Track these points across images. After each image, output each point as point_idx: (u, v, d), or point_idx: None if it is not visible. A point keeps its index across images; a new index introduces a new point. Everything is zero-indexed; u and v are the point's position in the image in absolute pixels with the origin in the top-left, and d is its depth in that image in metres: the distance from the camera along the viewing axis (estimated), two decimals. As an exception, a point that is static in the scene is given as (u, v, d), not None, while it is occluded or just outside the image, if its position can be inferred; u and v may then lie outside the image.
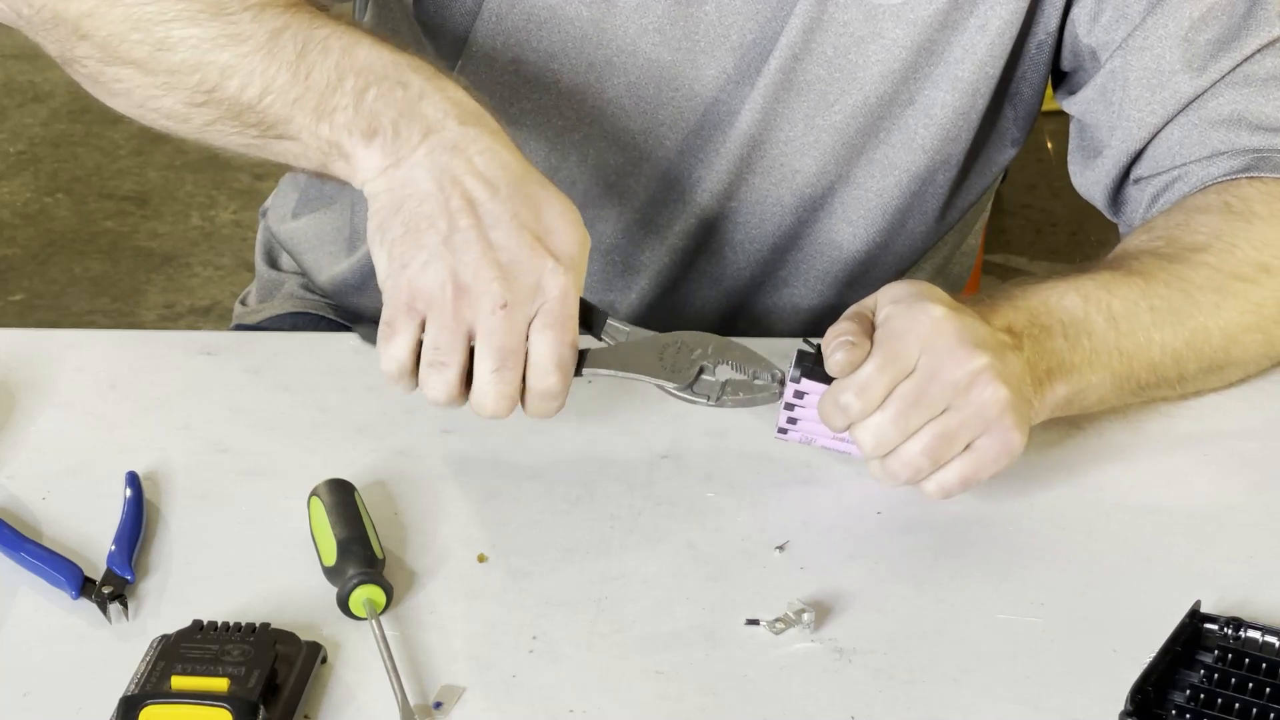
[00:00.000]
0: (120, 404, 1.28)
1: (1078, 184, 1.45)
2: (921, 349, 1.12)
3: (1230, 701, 1.02)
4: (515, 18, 1.39)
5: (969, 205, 1.54)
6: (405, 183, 1.13)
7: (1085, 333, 1.20)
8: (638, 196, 1.46)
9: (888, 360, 1.11)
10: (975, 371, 1.11)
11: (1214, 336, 1.26)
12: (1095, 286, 1.23)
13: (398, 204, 1.13)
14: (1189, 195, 1.34)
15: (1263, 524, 1.20)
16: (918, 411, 1.11)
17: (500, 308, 1.10)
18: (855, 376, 1.12)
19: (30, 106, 3.90)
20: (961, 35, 1.38)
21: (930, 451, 1.12)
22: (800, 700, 1.04)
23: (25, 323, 3.23)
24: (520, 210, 1.12)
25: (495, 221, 1.12)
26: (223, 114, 1.18)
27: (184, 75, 1.18)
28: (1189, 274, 1.26)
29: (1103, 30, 1.37)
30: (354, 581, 1.08)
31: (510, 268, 1.10)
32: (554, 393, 1.12)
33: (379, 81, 1.15)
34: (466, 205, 1.12)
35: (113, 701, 0.99)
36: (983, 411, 1.12)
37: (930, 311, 1.13)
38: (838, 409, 1.13)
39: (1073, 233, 3.50)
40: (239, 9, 1.17)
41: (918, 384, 1.11)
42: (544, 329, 1.11)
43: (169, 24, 1.17)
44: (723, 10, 1.37)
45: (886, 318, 1.14)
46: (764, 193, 1.45)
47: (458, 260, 1.10)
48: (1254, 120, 1.34)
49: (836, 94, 1.40)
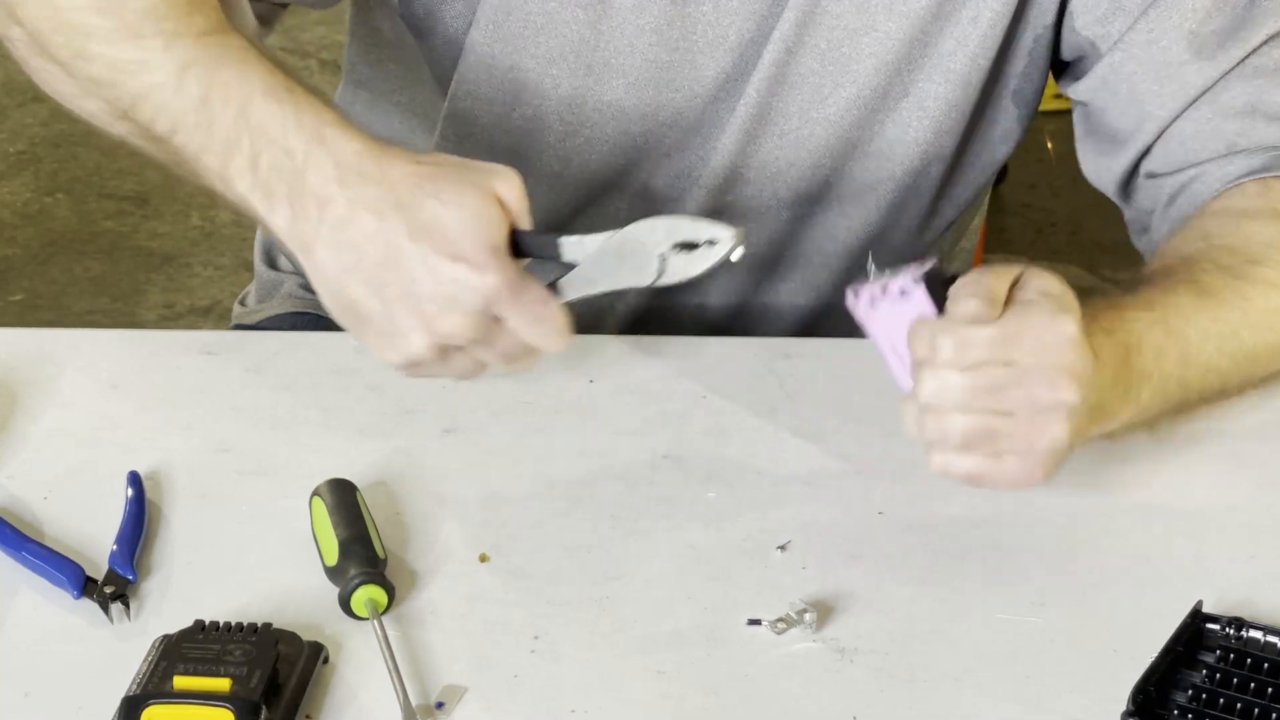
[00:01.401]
0: (121, 404, 1.28)
1: (1086, 170, 1.45)
2: (1034, 353, 1.10)
3: (1232, 702, 1.02)
4: (511, 24, 1.39)
5: (965, 202, 1.54)
6: (318, 272, 1.14)
7: (1159, 370, 1.20)
8: (636, 196, 1.46)
9: (1001, 339, 1.09)
10: (1056, 404, 1.10)
11: (1261, 356, 1.27)
12: (1179, 318, 1.21)
13: (329, 296, 1.16)
14: (1226, 194, 1.33)
15: (1264, 524, 1.20)
16: (989, 399, 1.09)
17: (480, 366, 1.15)
18: (966, 329, 1.09)
19: (30, 106, 3.89)
20: (954, 27, 1.39)
21: (970, 435, 1.10)
22: (801, 700, 1.04)
23: (25, 323, 3.22)
24: (464, 192, 1.13)
25: (416, 276, 1.12)
26: (140, 134, 1.20)
27: (103, 87, 1.19)
28: (1249, 291, 1.25)
29: (1100, 22, 1.37)
30: (356, 581, 1.08)
31: (453, 334, 1.12)
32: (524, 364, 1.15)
33: (268, 147, 1.14)
34: (409, 230, 1.11)
35: (114, 701, 0.99)
36: (1035, 440, 1.11)
37: (1065, 329, 1.10)
38: (929, 343, 1.10)
39: (1073, 232, 3.50)
40: (152, 35, 1.17)
41: (1007, 378, 1.09)
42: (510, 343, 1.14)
43: (87, 37, 1.18)
44: (719, 9, 1.37)
45: (1029, 303, 1.11)
46: (760, 187, 1.45)
47: (434, 293, 1.12)
48: (1268, 111, 1.34)
49: (830, 87, 1.40)
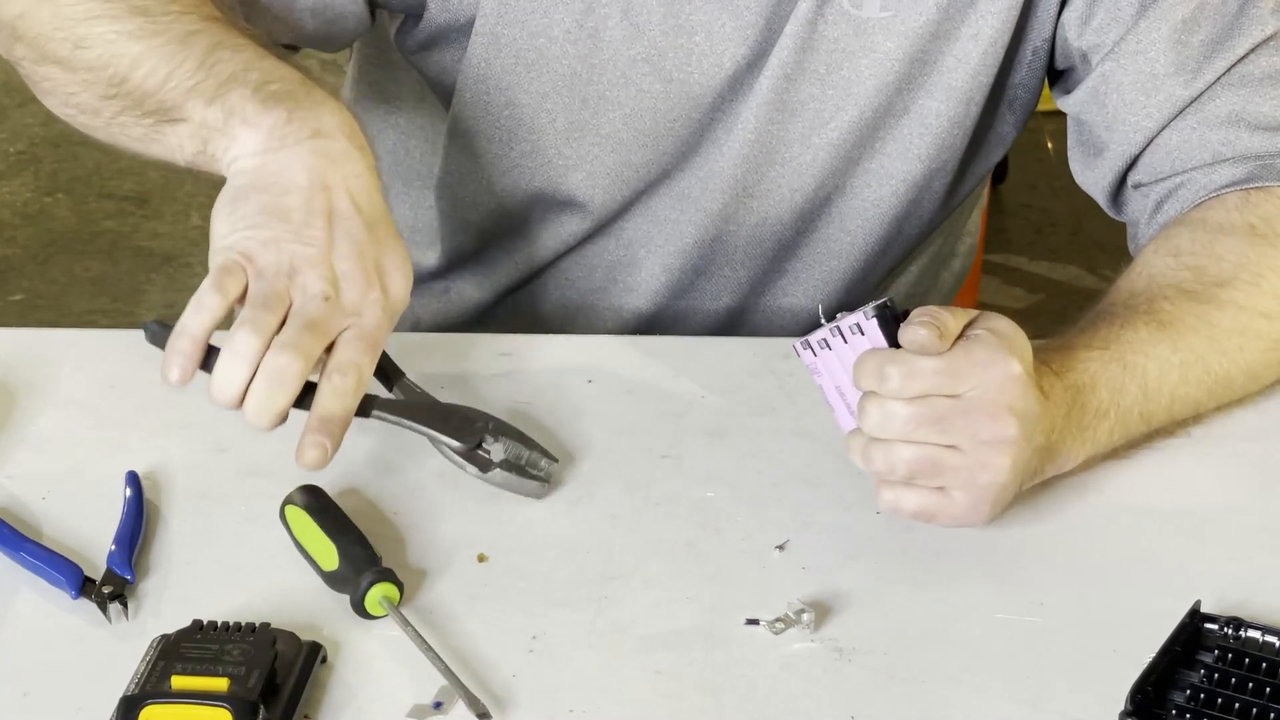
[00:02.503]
0: (120, 403, 1.28)
1: (1079, 179, 1.45)
2: (979, 387, 1.11)
3: (1230, 701, 1.02)
4: (503, 60, 1.38)
5: (960, 204, 1.54)
6: (279, 169, 1.14)
7: (1115, 406, 1.20)
8: (637, 219, 1.46)
9: (948, 371, 1.10)
10: (1000, 439, 1.11)
11: (1235, 380, 1.27)
12: (1134, 353, 1.22)
13: (262, 185, 1.14)
14: (1205, 206, 1.33)
15: (1263, 524, 1.20)
16: (934, 430, 1.11)
17: (323, 299, 1.11)
18: (913, 360, 1.10)
19: (30, 106, 3.89)
20: (954, 44, 1.38)
21: (915, 465, 1.11)
22: (800, 700, 1.04)
23: (25, 323, 3.22)
24: (370, 242, 1.14)
25: (345, 237, 1.13)
26: (127, 105, 1.22)
27: (99, 70, 1.22)
28: (1216, 317, 1.25)
29: (1093, 33, 1.37)
30: (368, 581, 1.08)
31: (343, 278, 1.12)
32: (345, 392, 1.10)
33: (281, 80, 1.18)
34: (326, 212, 1.13)
35: (113, 701, 0.99)
36: (978, 474, 1.12)
37: (1011, 368, 1.11)
38: (876, 373, 1.11)
39: (1073, 233, 3.50)
40: (160, 12, 1.21)
41: (952, 409, 1.11)
42: (351, 340, 1.11)
43: (91, 21, 1.22)
44: (713, 37, 1.36)
45: (976, 338, 1.12)
46: (763, 215, 1.45)
47: (301, 250, 1.11)
48: (1253, 120, 1.34)
49: (832, 111, 1.40)
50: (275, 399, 1.09)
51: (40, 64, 1.27)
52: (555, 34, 1.36)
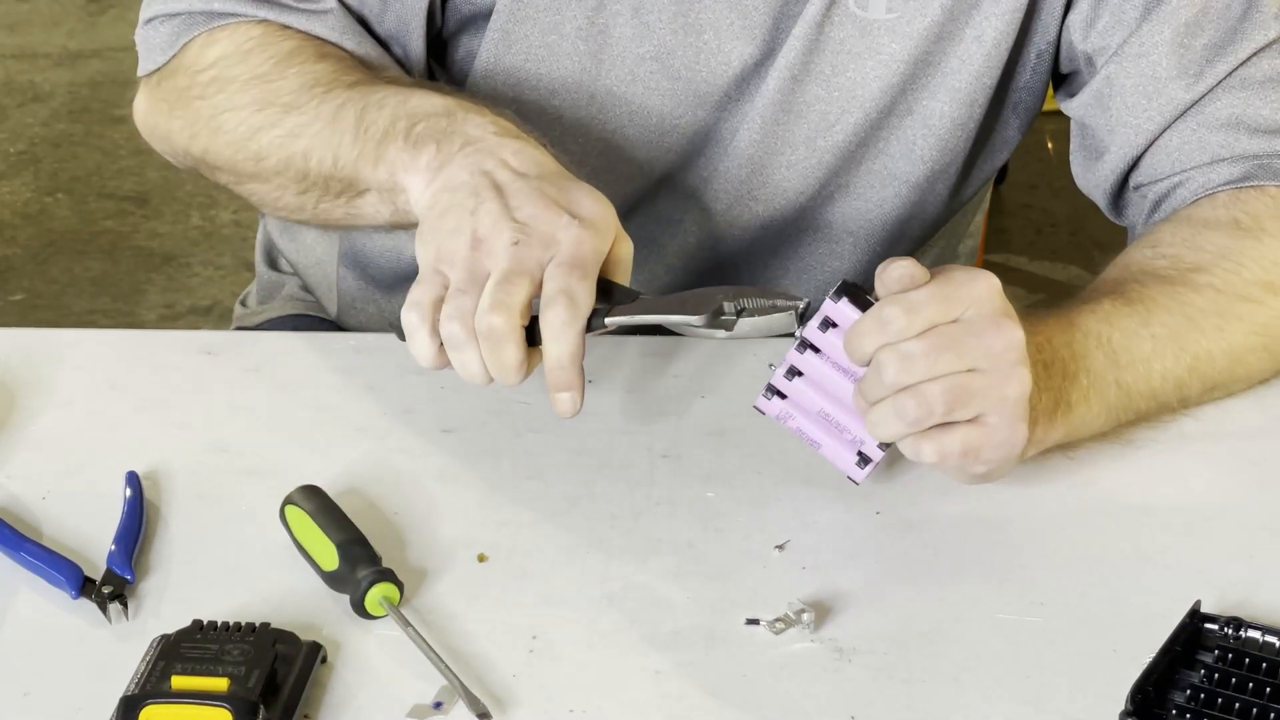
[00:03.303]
0: (120, 403, 1.28)
1: (1080, 183, 1.45)
2: (973, 304, 1.10)
3: (1230, 701, 1.02)
4: (513, 56, 1.39)
5: (963, 206, 1.54)
6: (444, 184, 1.16)
7: (1084, 369, 1.19)
8: (641, 219, 1.46)
9: (940, 296, 1.09)
10: (1011, 345, 1.10)
11: (1218, 359, 1.26)
12: (1096, 320, 1.22)
13: (435, 202, 1.16)
14: (1194, 204, 1.34)
15: (1263, 524, 1.20)
16: (950, 356, 1.09)
17: (511, 245, 1.10)
18: (906, 295, 1.09)
19: (30, 106, 3.90)
20: (958, 46, 1.38)
21: (948, 396, 1.09)
22: (800, 700, 1.04)
23: (25, 322, 3.22)
24: (546, 188, 1.14)
25: (518, 194, 1.13)
26: (321, 194, 1.28)
27: (284, 174, 1.29)
28: (1191, 297, 1.25)
29: (1098, 36, 1.37)
30: (368, 581, 1.08)
31: (528, 222, 1.11)
32: (560, 326, 1.08)
33: (426, 118, 1.21)
34: (493, 187, 1.14)
35: (113, 701, 0.99)
36: (1004, 386, 1.10)
37: (989, 280, 1.11)
38: (879, 323, 1.09)
39: (1073, 233, 3.50)
40: (307, 100, 1.28)
41: (960, 332, 1.09)
42: (553, 270, 1.10)
43: (257, 135, 1.30)
44: (720, 35, 1.36)
45: (946, 270, 1.11)
46: (766, 215, 1.45)
47: (478, 222, 1.12)
48: (1252, 123, 1.34)
49: (837, 114, 1.40)
50: (503, 358, 1.09)
51: (241, 184, 1.35)
52: (566, 30, 1.37)
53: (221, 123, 1.33)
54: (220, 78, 1.33)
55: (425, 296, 1.11)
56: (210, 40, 1.35)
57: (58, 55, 4.16)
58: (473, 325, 1.09)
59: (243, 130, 1.31)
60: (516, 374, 1.10)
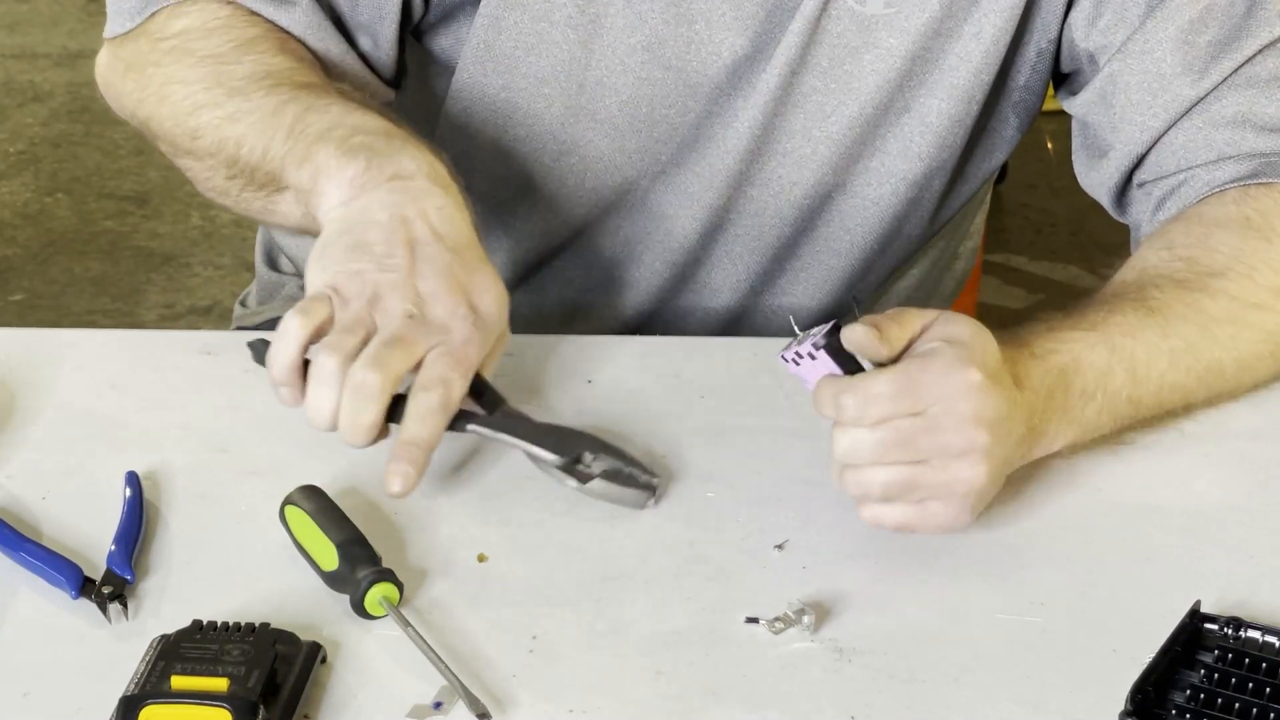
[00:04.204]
0: (120, 404, 1.28)
1: (1083, 182, 1.45)
2: (940, 402, 1.09)
3: (1230, 701, 1.02)
4: (502, 44, 1.39)
5: (963, 205, 1.54)
6: (360, 212, 1.16)
7: (1102, 389, 1.20)
8: (634, 213, 1.46)
9: (905, 390, 1.09)
10: (970, 450, 1.10)
11: (1227, 369, 1.26)
12: (1122, 335, 1.21)
13: (347, 229, 1.16)
14: (1203, 201, 1.34)
15: (1263, 524, 1.20)
16: (901, 451, 1.09)
17: (406, 317, 1.12)
18: (867, 385, 1.09)
19: (30, 106, 3.90)
20: (956, 43, 1.38)
21: (889, 487, 1.10)
22: (800, 700, 1.04)
23: (25, 323, 3.23)
24: (455, 266, 1.14)
25: (427, 260, 1.14)
26: (245, 182, 1.28)
27: (216, 155, 1.29)
28: (1208, 305, 1.25)
29: (1100, 34, 1.37)
30: (368, 581, 1.08)
31: (427, 299, 1.13)
32: (430, 410, 1.10)
33: (366, 133, 1.21)
34: (406, 243, 1.14)
35: (113, 701, 0.99)
36: (954, 485, 1.11)
37: (970, 376, 1.09)
38: (833, 403, 1.10)
39: (1073, 233, 3.50)
40: (254, 90, 1.28)
41: (916, 428, 1.09)
42: (438, 356, 1.11)
43: (198, 112, 1.31)
44: (712, 26, 1.36)
45: (931, 352, 1.10)
46: (762, 205, 1.45)
47: (383, 278, 1.13)
48: (1258, 121, 1.34)
49: (834, 105, 1.40)
50: (361, 415, 1.09)
51: (177, 157, 1.36)
52: (557, 18, 1.37)
53: (168, 93, 1.33)
54: (178, 49, 1.34)
55: (317, 314, 1.12)
56: (177, 13, 1.36)
57: (58, 55, 4.17)
58: (345, 370, 1.10)
59: (186, 105, 1.31)
60: (366, 435, 1.10)
